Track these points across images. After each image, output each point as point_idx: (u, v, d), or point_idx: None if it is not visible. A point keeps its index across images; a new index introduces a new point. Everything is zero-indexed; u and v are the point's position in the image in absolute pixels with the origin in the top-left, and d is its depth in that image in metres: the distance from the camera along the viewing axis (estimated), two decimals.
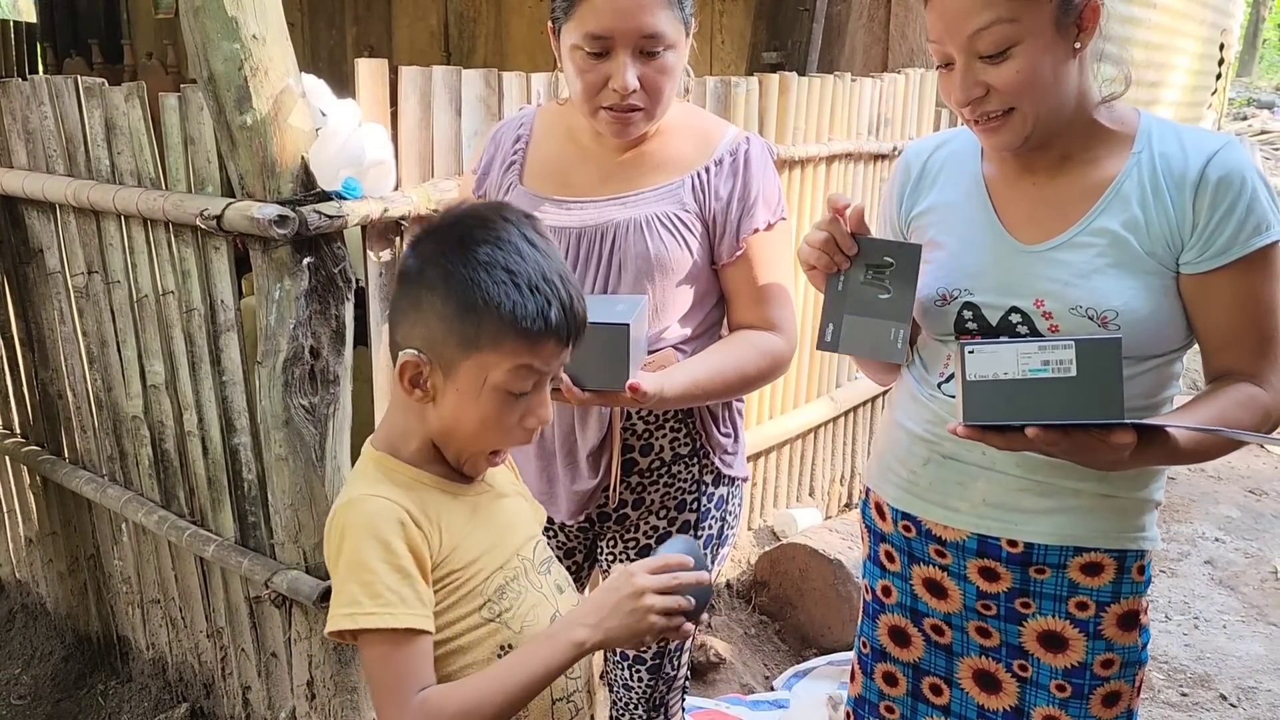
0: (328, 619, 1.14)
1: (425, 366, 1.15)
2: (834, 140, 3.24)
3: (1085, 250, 1.37)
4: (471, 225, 1.15)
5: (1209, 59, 7.73)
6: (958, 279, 1.45)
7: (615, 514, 1.72)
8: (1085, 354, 1.17)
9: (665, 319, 1.63)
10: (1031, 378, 1.19)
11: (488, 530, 1.25)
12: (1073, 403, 1.18)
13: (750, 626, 3.12)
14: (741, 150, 1.64)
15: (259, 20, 1.76)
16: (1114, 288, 1.35)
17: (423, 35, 5.99)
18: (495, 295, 1.11)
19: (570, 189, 1.66)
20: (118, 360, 2.37)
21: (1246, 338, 1.37)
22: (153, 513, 2.34)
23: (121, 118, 2.14)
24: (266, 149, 1.81)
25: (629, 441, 1.67)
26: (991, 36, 1.28)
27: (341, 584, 1.12)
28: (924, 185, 1.55)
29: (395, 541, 1.12)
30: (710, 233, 1.63)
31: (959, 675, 1.58)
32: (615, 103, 1.54)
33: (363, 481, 1.19)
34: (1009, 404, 1.20)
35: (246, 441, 2.12)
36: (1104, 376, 1.17)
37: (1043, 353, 1.18)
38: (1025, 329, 1.39)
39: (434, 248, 1.15)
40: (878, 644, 1.67)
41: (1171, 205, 1.34)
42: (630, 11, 1.49)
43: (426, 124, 2.04)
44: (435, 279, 1.13)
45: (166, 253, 2.14)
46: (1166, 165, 1.35)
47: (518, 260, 1.13)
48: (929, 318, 1.48)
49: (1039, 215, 1.42)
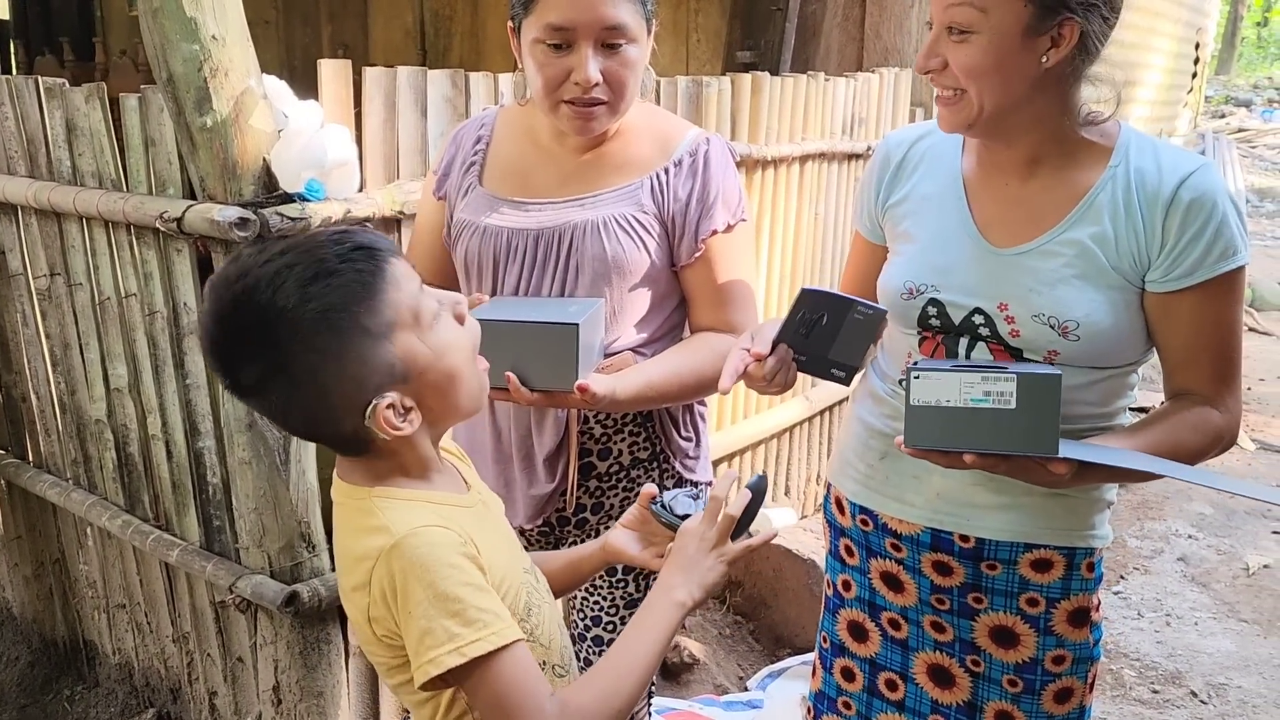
0: (423, 666, 1.03)
1: (394, 397, 1.08)
2: (807, 140, 3.23)
3: (1054, 259, 1.38)
4: (241, 306, 1.03)
5: (1184, 58, 7.78)
6: (925, 274, 1.45)
7: (574, 518, 1.71)
8: (1025, 388, 1.19)
9: (624, 321, 1.63)
10: (972, 406, 1.21)
11: (499, 542, 1.21)
12: (1009, 434, 1.20)
13: (724, 626, 3.12)
14: (701, 151, 1.62)
15: (218, 21, 1.75)
16: (1078, 299, 1.36)
17: (398, 33, 5.96)
18: (338, 298, 1.02)
19: (529, 190, 1.64)
20: (81, 363, 2.34)
21: (1205, 359, 1.38)
22: (117, 517, 2.32)
23: (82, 119, 2.12)
24: (227, 151, 1.80)
25: (587, 445, 1.66)
26: (959, 14, 1.32)
27: (428, 624, 1.03)
28: (903, 175, 1.55)
29: (464, 562, 1.06)
30: (670, 234, 1.62)
31: (914, 670, 1.60)
32: (577, 96, 1.52)
33: (391, 521, 1.08)
34: (948, 430, 1.22)
35: (211, 445, 2.10)
36: (1042, 411, 1.19)
37: (985, 383, 1.20)
38: (987, 330, 1.41)
39: (257, 353, 1.04)
40: (837, 639, 1.68)
41: (1142, 222, 1.35)
42: (591, 3, 1.48)
43: (391, 125, 2.02)
44: (304, 359, 1.03)
45: (128, 255, 2.11)
46: (1141, 181, 1.36)
47: (300, 269, 1.03)
48: (894, 310, 1.48)
49: (1011, 219, 1.43)
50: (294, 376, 1.04)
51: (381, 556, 1.06)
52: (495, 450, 1.70)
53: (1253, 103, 18.78)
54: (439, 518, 1.10)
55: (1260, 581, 3.71)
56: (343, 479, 1.17)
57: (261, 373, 1.05)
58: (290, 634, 2.03)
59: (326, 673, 2.08)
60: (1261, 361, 6.80)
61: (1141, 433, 1.36)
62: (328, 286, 1.03)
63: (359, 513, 1.12)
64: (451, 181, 1.71)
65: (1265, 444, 5.16)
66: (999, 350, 1.41)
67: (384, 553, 1.06)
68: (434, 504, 1.13)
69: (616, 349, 1.63)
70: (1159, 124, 7.40)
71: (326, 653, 2.08)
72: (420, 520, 1.08)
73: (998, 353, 1.41)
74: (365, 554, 1.08)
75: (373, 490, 1.12)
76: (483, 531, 1.16)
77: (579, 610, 1.79)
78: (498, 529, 1.25)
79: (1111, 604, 3.52)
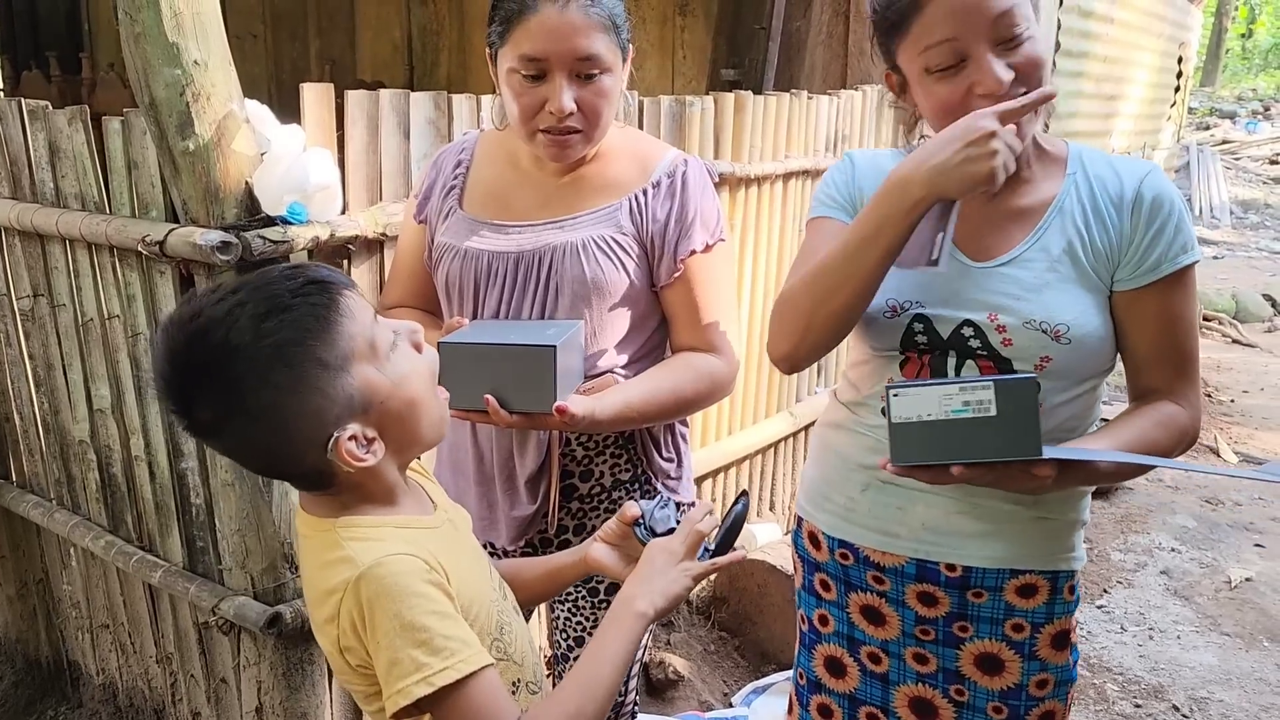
0: (392, 696, 1.04)
1: (355, 429, 1.08)
2: (791, 158, 3.26)
3: (1034, 266, 1.40)
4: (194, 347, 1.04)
5: (1167, 71, 7.84)
6: (908, 291, 1.44)
7: (556, 540, 1.72)
8: (1004, 394, 1.20)
9: (604, 342, 1.64)
10: (954, 418, 1.21)
11: (466, 563, 1.21)
12: (993, 441, 1.21)
13: (709, 643, 3.12)
14: (679, 172, 1.64)
15: (201, 46, 1.76)
16: (1065, 301, 1.38)
17: (386, 48, 5.98)
18: (292, 333, 1.03)
19: (509, 214, 1.66)
20: (64, 384, 2.35)
21: (1169, 356, 1.42)
22: (100, 537, 2.32)
23: (65, 141, 2.13)
24: (210, 174, 1.80)
25: (568, 467, 1.67)
26: (1013, 18, 1.30)
27: (394, 654, 1.04)
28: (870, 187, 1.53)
29: (430, 590, 1.07)
30: (649, 255, 1.63)
31: (895, 704, 1.59)
32: (552, 125, 1.54)
33: (355, 552, 1.09)
34: (933, 444, 1.23)
35: (194, 466, 2.10)
36: (1022, 415, 1.19)
37: (963, 394, 1.21)
38: (978, 342, 1.40)
39: (212, 391, 1.04)
40: (813, 675, 1.66)
41: (1110, 223, 1.40)
42: (565, 34, 1.50)
43: (374, 148, 2.04)
44: (260, 395, 1.03)
45: (111, 277, 2.12)
46: (1102, 186, 1.41)
47: (253, 306, 1.03)
48: (875, 331, 1.47)
49: (984, 233, 1.44)
50: (251, 414, 1.04)
51: (349, 588, 1.06)
52: (477, 472, 1.71)
53: (1237, 115, 18.92)
54: (405, 543, 1.10)
55: (1242, 595, 3.74)
56: (306, 511, 1.17)
57: (218, 412, 1.05)
58: (273, 655, 2.03)
59: (310, 693, 2.08)
60: (1245, 373, 6.85)
61: (1113, 433, 1.38)
62: (281, 322, 1.03)
63: (324, 545, 1.12)
64: (432, 206, 1.73)
65: (1247, 456, 5.19)
66: (988, 366, 1.41)
67: (350, 584, 1.06)
68: (399, 528, 1.14)
69: (598, 370, 1.64)
70: (1142, 137, 7.45)
71: (310, 673, 2.08)
72: (384, 550, 1.08)
73: (987, 368, 1.41)
74: (332, 587, 1.08)
75: (336, 521, 1.12)
76: (451, 552, 1.16)
77: (561, 630, 1.80)
78: (466, 547, 1.26)
79: (1095, 618, 3.54)
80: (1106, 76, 6.34)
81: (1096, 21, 5.94)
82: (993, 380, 1.21)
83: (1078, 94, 5.87)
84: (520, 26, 1.51)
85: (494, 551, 1.74)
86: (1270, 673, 3.23)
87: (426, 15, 5.78)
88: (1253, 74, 26.59)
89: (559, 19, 1.50)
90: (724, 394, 1.71)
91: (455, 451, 1.74)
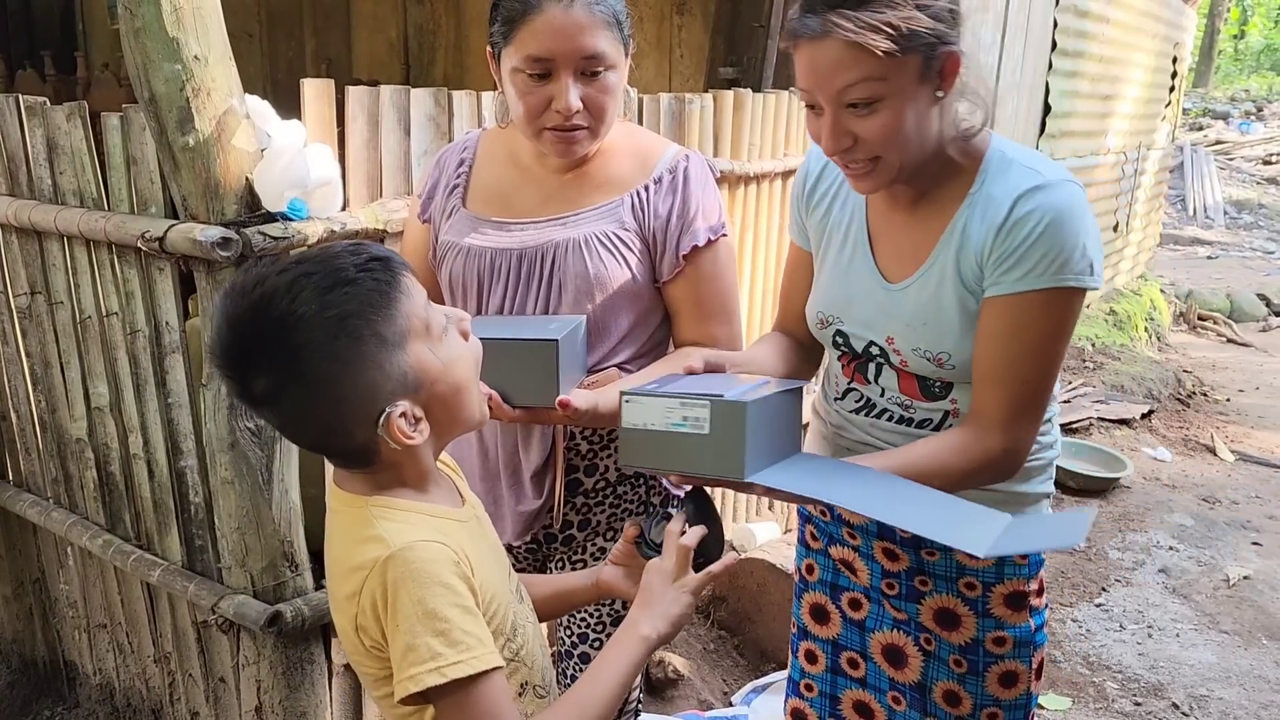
0: (403, 682, 1.04)
1: (406, 406, 1.08)
2: (789, 156, 3.25)
3: (928, 290, 1.43)
4: (258, 315, 1.04)
5: (1162, 71, 7.86)
6: (833, 305, 1.54)
7: (561, 535, 1.72)
8: (717, 414, 1.22)
9: (608, 339, 1.63)
10: (673, 431, 1.24)
11: (490, 559, 1.21)
12: (704, 457, 1.24)
13: (709, 642, 3.12)
14: (680, 168, 1.64)
15: (201, 41, 1.75)
16: (946, 332, 1.42)
17: (382, 47, 5.96)
18: (353, 304, 1.04)
19: (512, 211, 1.66)
20: (61, 382, 2.33)
21: (1004, 378, 1.38)
22: (98, 536, 2.31)
23: (64, 137, 2.11)
24: (209, 170, 1.79)
25: (573, 462, 1.67)
26: (859, 92, 1.31)
27: (412, 640, 1.03)
28: (818, 193, 1.59)
29: (457, 582, 1.07)
30: (651, 251, 1.64)
31: (871, 650, 1.66)
32: (559, 123, 1.54)
33: (387, 532, 1.08)
34: (654, 452, 1.27)
35: (193, 464, 2.09)
36: (731, 436, 1.21)
37: (684, 409, 1.24)
38: (883, 360, 1.50)
39: (276, 360, 1.04)
40: (801, 622, 1.75)
41: (983, 245, 1.38)
42: (570, 34, 1.50)
43: (374, 144, 2.03)
44: (321, 366, 1.03)
45: (109, 274, 2.11)
46: (986, 207, 1.39)
47: (318, 278, 1.04)
48: (817, 334, 1.59)
49: (902, 252, 1.48)
50: (309, 384, 1.05)
51: (376, 567, 1.06)
52: (482, 468, 1.70)
53: (1230, 115, 18.97)
54: (436, 532, 1.10)
55: (1240, 592, 3.74)
56: (339, 487, 1.17)
57: (276, 381, 1.05)
58: (273, 654, 2.02)
59: (309, 692, 2.07)
60: (1240, 372, 6.87)
61: (904, 451, 1.40)
62: (345, 295, 1.04)
63: (356, 522, 1.12)
64: (435, 204, 1.73)
65: (1244, 455, 5.21)
66: (905, 373, 1.49)
67: (379, 563, 1.06)
68: (431, 517, 1.14)
69: (601, 366, 1.64)
70: (1138, 136, 7.46)
71: (309, 672, 2.07)
72: (417, 535, 1.08)
73: (904, 374, 1.49)
74: (360, 564, 1.08)
75: (370, 500, 1.12)
76: (476, 547, 1.16)
77: (566, 627, 1.80)
78: (489, 545, 1.25)
79: (1093, 616, 3.54)
80: (1102, 76, 6.35)
81: (1092, 21, 5.95)
82: (709, 399, 1.22)
83: (1074, 94, 5.88)
84: (525, 26, 1.50)
85: None
86: (1269, 670, 3.24)
87: (423, 14, 5.76)
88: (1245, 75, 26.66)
89: (564, 18, 1.49)
90: None
91: (459, 447, 1.73)
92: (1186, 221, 13.23)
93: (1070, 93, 5.79)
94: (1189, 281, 9.51)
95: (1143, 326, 7.21)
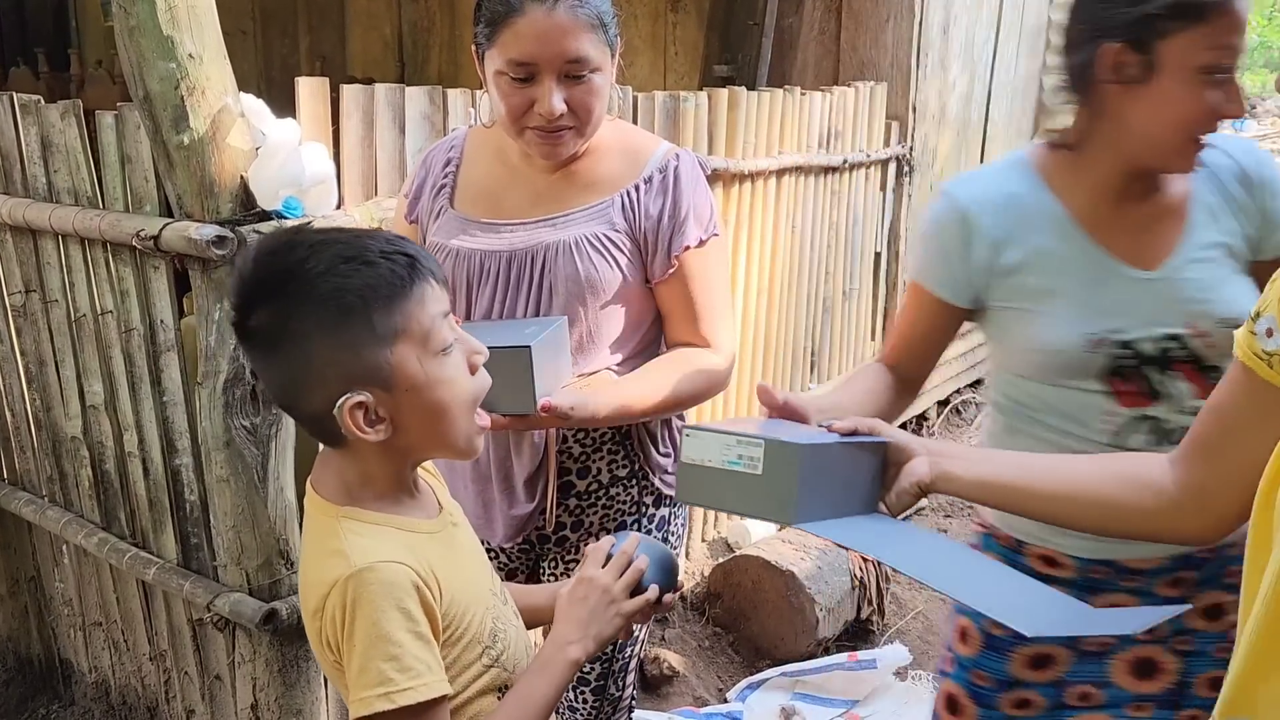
0: (355, 703, 1.05)
1: (367, 399, 1.07)
2: (784, 154, 3.26)
3: (1204, 265, 1.42)
4: (278, 257, 1.07)
5: None
6: (1099, 320, 1.42)
7: (554, 537, 1.72)
8: (770, 455, 1.19)
9: (600, 341, 1.63)
10: (728, 469, 1.22)
11: (464, 568, 1.20)
12: (756, 498, 1.21)
13: (704, 638, 3.13)
14: (671, 167, 1.63)
15: (196, 39, 1.75)
16: (1241, 292, 1.40)
17: (376, 45, 5.96)
18: (362, 283, 1.05)
19: (501, 211, 1.65)
20: (56, 380, 2.33)
21: None
22: (93, 535, 2.31)
23: (58, 135, 2.11)
24: (204, 169, 1.80)
25: (565, 465, 1.67)
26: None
27: (365, 662, 1.04)
28: (1002, 235, 1.48)
29: (414, 608, 1.06)
30: (642, 251, 1.62)
31: (1111, 673, 1.53)
32: (542, 124, 1.53)
33: (352, 548, 1.08)
34: (710, 489, 1.24)
35: (188, 462, 2.10)
36: (783, 479, 1.17)
37: (740, 447, 1.21)
38: (1183, 352, 1.41)
39: (270, 303, 1.06)
40: (1007, 675, 1.57)
41: (1240, 203, 1.44)
42: (553, 38, 1.48)
43: (369, 142, 2.03)
44: (302, 325, 1.05)
45: (104, 272, 2.11)
46: (1224, 170, 1.44)
47: (344, 248, 1.06)
48: (1076, 368, 1.42)
49: (1142, 242, 1.44)
50: (288, 336, 1.06)
51: (337, 584, 1.05)
52: (473, 471, 1.70)
53: None
54: (402, 549, 1.09)
55: None
56: (315, 489, 1.16)
57: (265, 322, 1.07)
58: (269, 651, 2.03)
59: (305, 690, 2.08)
60: None
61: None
62: (356, 271, 1.05)
63: (324, 533, 1.12)
64: (422, 205, 1.71)
65: None
66: (1193, 373, 1.41)
67: (339, 581, 1.06)
68: (399, 529, 1.12)
69: (593, 369, 1.63)
70: None
71: (305, 670, 2.07)
72: (379, 553, 1.07)
73: (1191, 375, 1.40)
74: (322, 579, 1.08)
75: (340, 510, 1.12)
76: (448, 558, 1.15)
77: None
78: (466, 552, 1.24)
79: None
80: None
81: None
82: (764, 440, 1.20)
83: None
84: (507, 29, 1.49)
85: (489, 550, 1.74)
86: None
87: (417, 12, 5.76)
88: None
89: (546, 21, 1.48)
90: (720, 389, 1.71)
91: None
92: None
93: None
94: None
95: None
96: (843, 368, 3.93)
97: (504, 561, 1.78)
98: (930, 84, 4.09)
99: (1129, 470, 1.20)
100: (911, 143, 4.04)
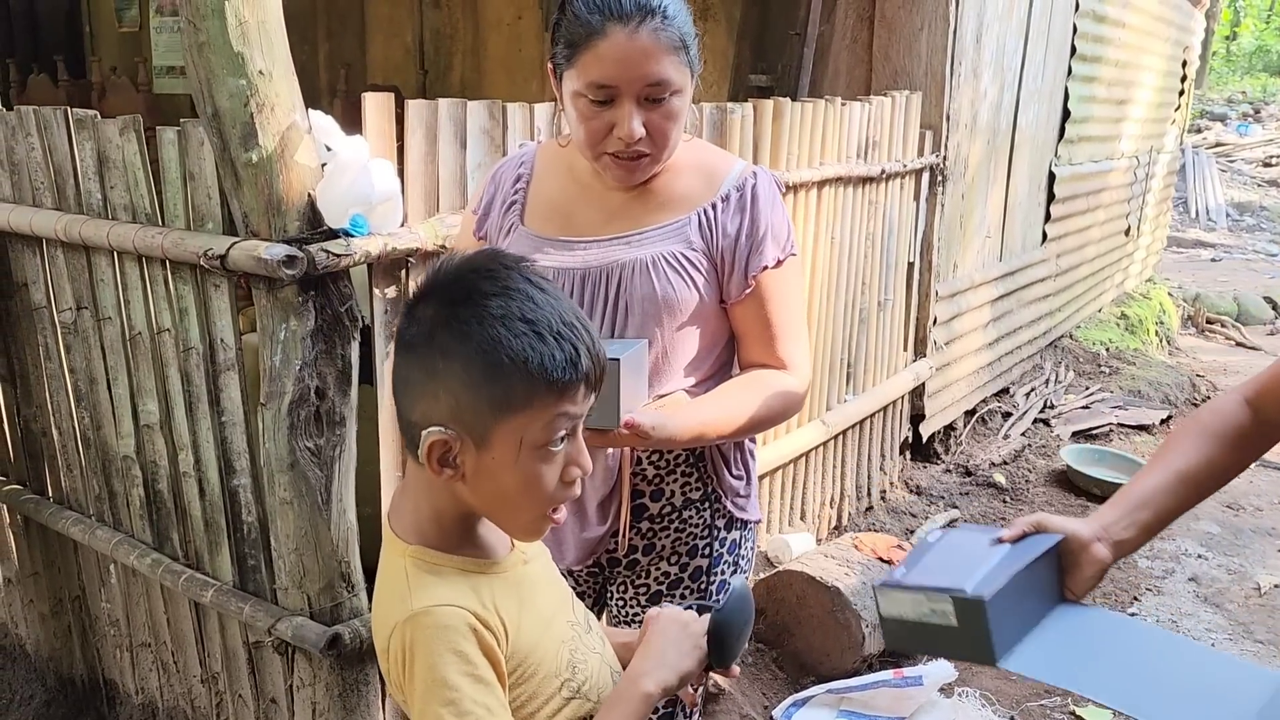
0: None
1: (455, 442, 1.05)
2: (825, 164, 3.24)
3: None
4: (475, 278, 1.07)
5: (1172, 75, 7.85)
6: None
7: (625, 559, 1.69)
8: (960, 609, 1.26)
9: (675, 362, 1.60)
10: (924, 622, 1.30)
11: (537, 604, 1.19)
12: (957, 645, 1.29)
13: (748, 655, 3.09)
14: (749, 185, 1.60)
15: (266, 55, 1.72)
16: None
17: (398, 51, 5.93)
18: (520, 350, 1.03)
19: (573, 229, 1.62)
20: (108, 398, 2.30)
21: None
22: (146, 555, 2.27)
23: (115, 151, 2.08)
24: (272, 186, 1.77)
25: (639, 487, 1.64)
26: None
27: (424, 706, 1.05)
28: None
29: (471, 651, 1.05)
30: (719, 271, 1.60)
31: None
32: (620, 150, 1.51)
33: (413, 589, 1.09)
34: (913, 638, 1.34)
35: (247, 483, 2.06)
36: (977, 628, 1.25)
37: (930, 603, 1.28)
38: None
39: (439, 309, 1.06)
40: None
41: None
42: (636, 61, 1.45)
43: (432, 158, 2.00)
44: (449, 343, 1.04)
45: (163, 290, 2.07)
46: None
47: (533, 308, 1.05)
48: None
49: None
50: (433, 346, 1.05)
51: (398, 627, 1.07)
52: None
53: (1228, 117, 18.99)
54: (464, 589, 1.09)
55: (1273, 601, 3.73)
56: (389, 522, 1.16)
57: (427, 319, 1.06)
58: (329, 676, 1.99)
59: (365, 714, 2.05)
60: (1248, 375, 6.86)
61: None
62: (523, 336, 1.04)
63: (393, 571, 1.13)
64: (492, 221, 1.69)
65: (1265, 461, 5.20)
66: None
67: (399, 624, 1.07)
68: (463, 570, 1.12)
69: (666, 390, 1.60)
70: (1149, 140, 7.46)
71: (365, 694, 2.04)
72: (436, 596, 1.07)
73: None
74: (386, 621, 1.10)
75: (409, 548, 1.12)
76: (516, 597, 1.14)
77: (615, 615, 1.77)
78: (539, 586, 1.22)
79: None
80: (1117, 81, 6.34)
81: (1109, 26, 5.94)
82: (951, 595, 1.26)
83: (1091, 99, 5.88)
84: (589, 51, 1.46)
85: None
86: None
87: (439, 18, 5.73)
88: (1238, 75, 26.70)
89: (629, 45, 1.45)
90: (795, 411, 1.68)
91: None
92: (1188, 224, 13.24)
93: (1088, 98, 5.78)
94: (1194, 284, 9.50)
95: (1153, 330, 7.20)
96: (877, 380, 3.90)
97: (571, 585, 1.74)
98: (963, 92, 4.07)
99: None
100: (945, 152, 4.01)
